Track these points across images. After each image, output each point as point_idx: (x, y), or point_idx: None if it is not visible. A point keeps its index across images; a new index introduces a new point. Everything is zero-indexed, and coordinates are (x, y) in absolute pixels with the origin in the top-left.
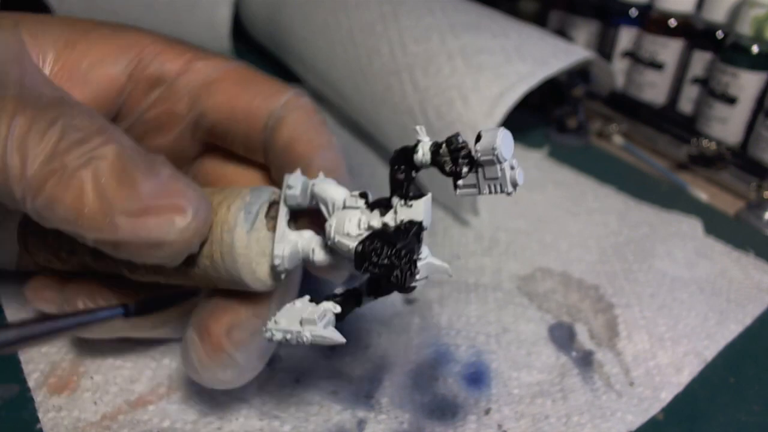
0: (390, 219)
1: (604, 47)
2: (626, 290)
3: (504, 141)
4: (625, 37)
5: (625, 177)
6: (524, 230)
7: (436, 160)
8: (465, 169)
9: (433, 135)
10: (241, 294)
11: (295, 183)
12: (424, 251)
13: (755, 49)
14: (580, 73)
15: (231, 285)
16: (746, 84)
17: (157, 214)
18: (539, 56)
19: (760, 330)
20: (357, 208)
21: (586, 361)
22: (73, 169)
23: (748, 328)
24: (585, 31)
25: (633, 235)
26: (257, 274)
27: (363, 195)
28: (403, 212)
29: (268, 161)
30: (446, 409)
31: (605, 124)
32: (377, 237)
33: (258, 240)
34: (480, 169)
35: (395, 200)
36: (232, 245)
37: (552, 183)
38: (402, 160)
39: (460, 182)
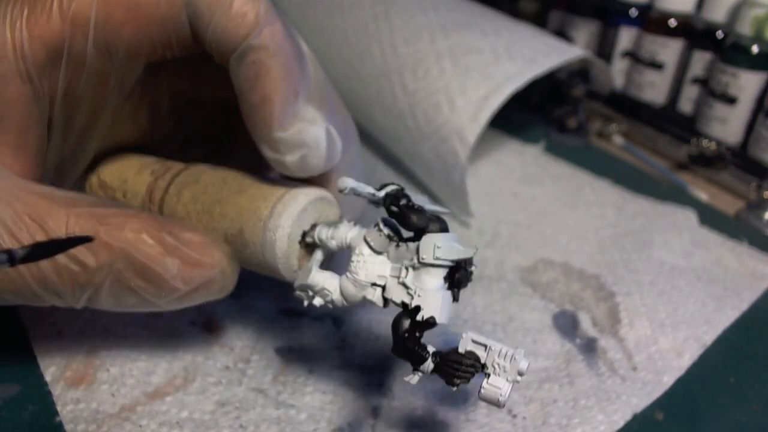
0: (407, 295)
1: (604, 47)
2: (626, 279)
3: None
4: (625, 37)
5: (625, 177)
6: (525, 223)
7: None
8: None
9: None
10: None
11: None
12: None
13: (755, 49)
14: (580, 73)
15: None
16: (746, 84)
17: (194, 290)
18: (529, 55)
19: (761, 330)
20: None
21: (590, 348)
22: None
23: (748, 327)
24: (585, 31)
25: (630, 227)
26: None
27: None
28: (417, 288)
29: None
30: (457, 396)
31: (605, 124)
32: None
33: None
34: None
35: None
36: (275, 259)
37: (550, 177)
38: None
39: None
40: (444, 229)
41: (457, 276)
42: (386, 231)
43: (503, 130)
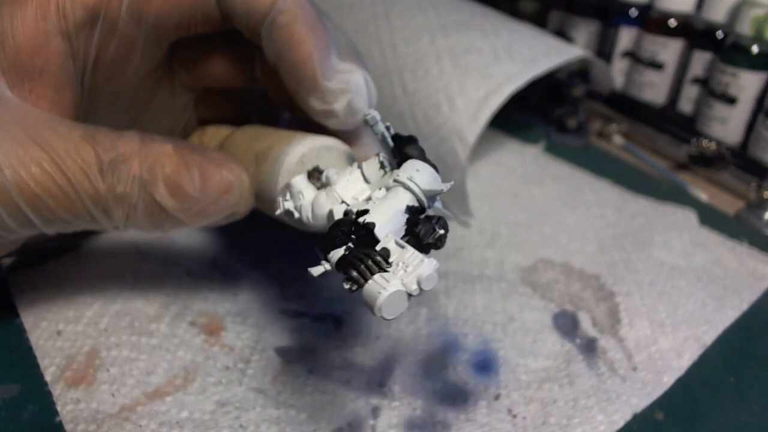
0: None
1: (604, 47)
2: (626, 279)
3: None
4: (625, 37)
5: (625, 177)
6: (524, 223)
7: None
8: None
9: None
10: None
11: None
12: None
13: (755, 49)
14: (580, 73)
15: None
16: (746, 84)
17: (215, 201)
18: (529, 55)
19: (761, 329)
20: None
21: (590, 348)
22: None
23: (748, 327)
24: (585, 31)
25: (630, 227)
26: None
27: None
28: (378, 201)
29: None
30: (457, 396)
31: (605, 124)
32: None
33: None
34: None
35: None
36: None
37: (550, 177)
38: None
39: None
40: (433, 167)
41: (421, 227)
42: (381, 158)
43: (503, 130)
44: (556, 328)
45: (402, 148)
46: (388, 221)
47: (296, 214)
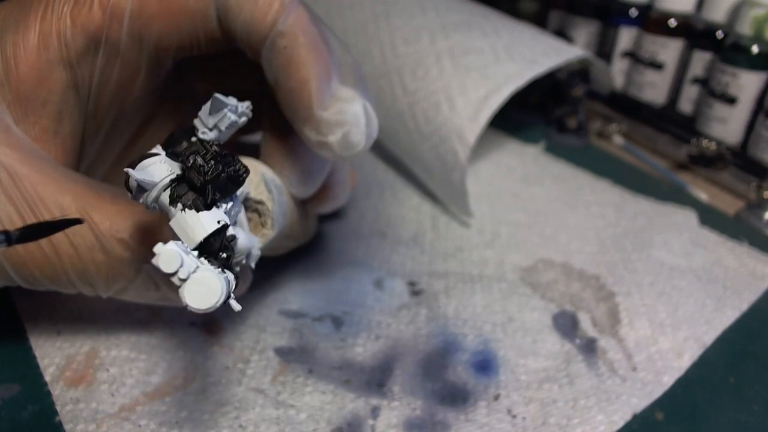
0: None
1: (604, 47)
2: (626, 279)
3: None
4: (625, 37)
5: (625, 177)
6: (524, 223)
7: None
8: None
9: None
10: None
11: None
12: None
13: (755, 49)
14: (580, 73)
15: None
16: (746, 84)
17: None
18: (529, 55)
19: (761, 329)
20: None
21: (589, 348)
22: None
23: (748, 326)
24: (585, 31)
25: (630, 227)
26: None
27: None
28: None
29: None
30: (457, 396)
31: (605, 124)
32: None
33: None
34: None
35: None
36: None
37: (550, 177)
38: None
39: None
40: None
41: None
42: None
43: (503, 130)
44: (556, 328)
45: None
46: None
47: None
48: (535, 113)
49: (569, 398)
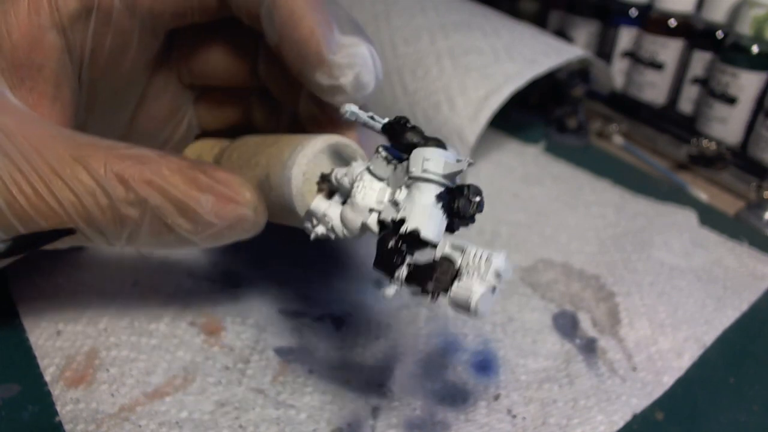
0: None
1: (604, 47)
2: (626, 279)
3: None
4: (625, 37)
5: (625, 177)
6: (524, 223)
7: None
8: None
9: None
10: None
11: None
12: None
13: (755, 49)
14: (580, 73)
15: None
16: (746, 84)
17: (226, 225)
18: (529, 55)
19: (761, 329)
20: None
21: (589, 348)
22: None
23: (748, 326)
24: (585, 31)
25: (630, 227)
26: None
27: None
28: (405, 203)
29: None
30: (457, 396)
31: (605, 124)
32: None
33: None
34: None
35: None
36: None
37: (550, 177)
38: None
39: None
40: (440, 146)
41: (457, 204)
42: (384, 153)
43: (503, 130)
44: (556, 328)
45: (400, 139)
46: (427, 220)
47: (332, 236)
48: (535, 113)
49: (569, 398)
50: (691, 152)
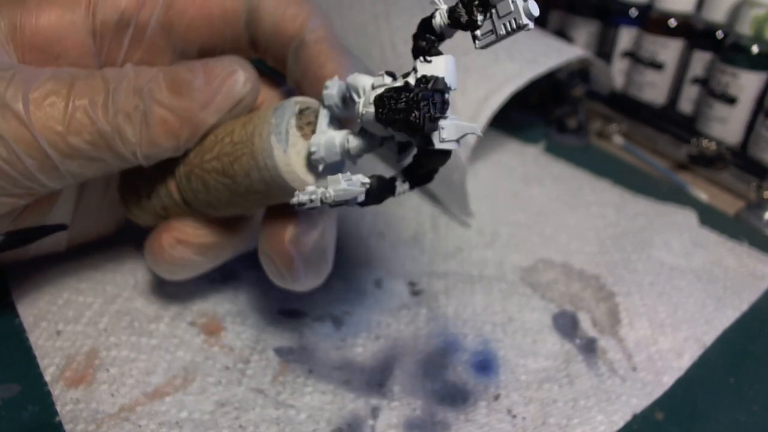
0: (411, 78)
1: (604, 47)
2: (626, 279)
3: None
4: (625, 37)
5: (625, 177)
6: (524, 223)
7: (452, 18)
8: (480, 17)
9: None
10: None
11: (332, 84)
12: (449, 112)
13: (755, 49)
14: (580, 73)
15: (287, 198)
16: (746, 84)
17: (221, 86)
18: (529, 55)
19: (761, 329)
20: (383, 84)
21: (589, 348)
22: (148, 108)
23: (748, 326)
24: (585, 31)
25: (630, 227)
26: (306, 181)
27: (390, 74)
28: (423, 68)
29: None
30: (457, 396)
31: (605, 124)
32: (395, 89)
33: (298, 152)
34: (494, 11)
35: (417, 62)
36: (276, 168)
37: (550, 177)
38: (423, 31)
39: (477, 33)
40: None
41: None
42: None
43: (503, 130)
44: (555, 329)
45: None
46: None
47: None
48: (535, 113)
49: (569, 398)
50: (691, 152)
